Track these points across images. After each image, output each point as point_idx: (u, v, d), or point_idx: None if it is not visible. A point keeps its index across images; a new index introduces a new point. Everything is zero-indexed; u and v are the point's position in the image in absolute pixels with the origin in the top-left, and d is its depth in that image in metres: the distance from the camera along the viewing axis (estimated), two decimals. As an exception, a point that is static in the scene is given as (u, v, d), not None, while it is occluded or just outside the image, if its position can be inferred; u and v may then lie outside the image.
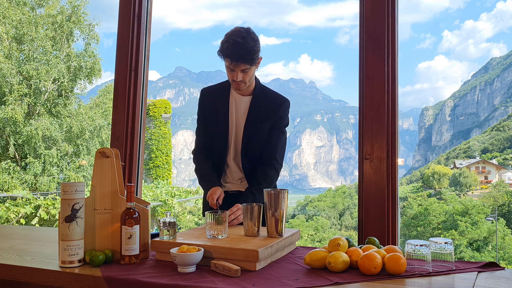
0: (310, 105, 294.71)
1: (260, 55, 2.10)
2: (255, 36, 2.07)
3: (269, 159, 2.22)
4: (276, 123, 2.22)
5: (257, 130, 2.20)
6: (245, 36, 2.03)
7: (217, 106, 2.24)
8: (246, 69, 2.06)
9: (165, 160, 15.89)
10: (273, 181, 2.24)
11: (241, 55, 2.01)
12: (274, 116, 2.21)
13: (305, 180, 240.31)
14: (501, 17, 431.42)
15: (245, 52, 2.01)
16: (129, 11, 3.09)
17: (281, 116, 2.23)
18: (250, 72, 2.09)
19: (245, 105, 2.22)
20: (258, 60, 2.10)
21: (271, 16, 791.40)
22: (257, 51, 2.06)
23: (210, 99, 2.28)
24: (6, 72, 17.97)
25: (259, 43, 2.09)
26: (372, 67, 2.48)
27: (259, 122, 2.20)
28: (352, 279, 1.38)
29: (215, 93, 2.29)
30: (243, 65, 2.04)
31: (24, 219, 11.05)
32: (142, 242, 1.64)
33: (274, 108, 2.22)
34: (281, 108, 2.23)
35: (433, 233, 30.51)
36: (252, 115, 2.20)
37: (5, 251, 1.80)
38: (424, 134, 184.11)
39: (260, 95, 2.23)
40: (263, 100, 2.22)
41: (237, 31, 2.06)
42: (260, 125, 2.20)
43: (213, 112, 2.25)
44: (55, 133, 18.86)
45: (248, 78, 2.11)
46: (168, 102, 16.60)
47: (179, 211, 14.19)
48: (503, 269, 1.50)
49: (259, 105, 2.21)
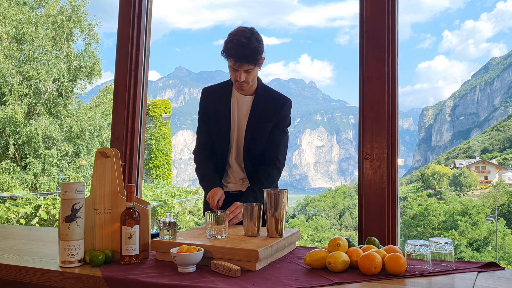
0: (310, 105, 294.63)
1: (263, 55, 2.09)
2: (259, 37, 2.06)
3: (271, 159, 2.22)
4: (279, 123, 2.22)
5: (259, 130, 2.19)
6: (249, 36, 2.02)
7: (219, 106, 2.24)
8: (250, 69, 2.05)
9: (165, 160, 15.89)
10: (275, 181, 2.23)
11: (245, 55, 2.00)
12: (276, 116, 2.20)
13: (305, 180, 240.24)
14: (501, 17, 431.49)
15: (249, 52, 2.00)
16: (129, 11, 3.09)
17: (284, 116, 2.23)
18: (253, 73, 2.08)
19: (247, 105, 2.21)
20: (261, 60, 2.09)
21: (271, 16, 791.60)
22: (261, 51, 2.05)
23: (212, 99, 2.28)
24: (6, 72, 17.97)
25: (263, 43, 2.08)
26: (372, 67, 2.48)
27: (261, 122, 2.19)
28: (352, 279, 1.38)
29: (217, 92, 2.28)
30: (246, 65, 2.03)
31: (24, 219, 11.05)
32: (142, 242, 1.64)
33: (276, 108, 2.21)
34: (284, 108, 2.22)
35: (433, 233, 30.51)
36: (255, 115, 2.19)
37: (5, 251, 1.80)
38: (424, 134, 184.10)
39: (263, 95, 2.22)
40: (265, 100, 2.21)
41: (241, 31, 2.05)
42: (262, 125, 2.19)
43: (215, 111, 2.25)
44: (55, 133, 18.86)
45: (251, 78, 2.10)
46: (168, 102, 16.60)
47: (179, 211, 14.19)
48: (503, 269, 1.50)
49: (262, 105, 2.20)
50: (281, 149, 2.24)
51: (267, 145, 2.21)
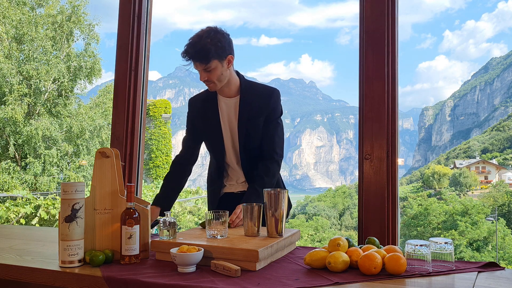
0: (310, 105, 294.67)
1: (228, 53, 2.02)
2: (216, 35, 2.00)
3: (268, 153, 2.19)
4: (270, 115, 2.18)
5: (252, 127, 2.16)
6: (201, 35, 1.99)
7: (207, 112, 2.22)
8: (207, 68, 2.00)
9: (165, 160, 15.89)
10: (275, 175, 2.20)
11: (193, 54, 1.97)
12: (266, 108, 2.16)
13: (305, 180, 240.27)
14: (502, 17, 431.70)
15: (197, 50, 1.96)
16: (129, 11, 3.09)
17: (273, 107, 2.18)
18: (216, 72, 2.01)
19: (234, 106, 2.18)
20: (225, 58, 2.02)
21: (272, 17, 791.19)
22: (211, 50, 1.95)
23: (198, 108, 2.25)
24: (6, 72, 17.97)
25: (222, 41, 2.00)
26: (372, 67, 2.48)
27: (252, 119, 2.16)
28: (352, 279, 1.38)
29: (203, 100, 2.25)
30: (198, 63, 2.00)
31: (24, 219, 11.03)
32: (142, 242, 1.64)
33: (264, 101, 2.16)
34: (272, 99, 2.17)
35: (433, 233, 30.52)
36: (244, 113, 2.16)
37: (5, 251, 1.80)
38: (424, 134, 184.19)
39: (248, 91, 2.17)
40: (251, 96, 2.17)
41: (199, 32, 2.03)
42: (254, 121, 2.16)
43: (203, 119, 2.23)
44: (55, 133, 18.86)
45: (216, 78, 2.03)
46: (168, 102, 16.62)
47: (179, 211, 14.19)
48: (503, 269, 1.50)
49: (249, 101, 2.16)
50: (277, 141, 2.20)
51: (263, 139, 2.18)
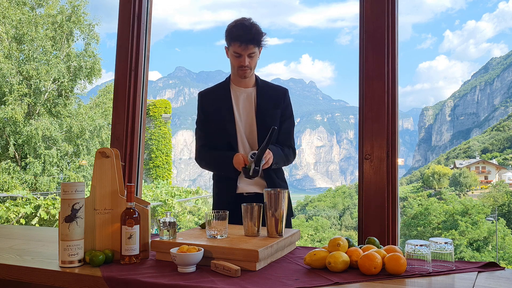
0: (310, 105, 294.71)
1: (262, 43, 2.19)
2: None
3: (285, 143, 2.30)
4: (285, 111, 2.29)
5: (270, 116, 2.23)
6: (251, 21, 2.14)
7: (219, 103, 2.24)
8: (253, 53, 2.13)
9: (165, 160, 15.88)
10: (289, 158, 2.29)
11: (250, 36, 2.08)
12: (282, 103, 2.28)
13: (305, 180, 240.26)
14: (502, 17, 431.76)
15: (254, 33, 2.09)
16: (129, 11, 3.09)
17: (287, 103, 2.32)
18: (255, 58, 2.17)
19: (250, 96, 2.24)
20: (261, 47, 2.18)
21: (273, 17, 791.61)
22: (263, 34, 2.13)
23: (210, 99, 2.28)
24: (6, 72, 17.97)
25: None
26: (372, 67, 2.48)
27: (270, 109, 2.24)
28: (352, 279, 1.38)
29: (214, 92, 2.30)
30: (252, 46, 2.10)
31: (24, 219, 11.04)
32: (142, 242, 1.64)
33: (280, 95, 2.29)
34: (286, 95, 2.32)
35: (433, 233, 30.52)
36: (262, 104, 2.23)
37: (5, 251, 1.80)
38: (424, 134, 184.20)
39: (264, 84, 2.30)
40: (267, 90, 2.28)
41: (242, 19, 2.15)
42: (271, 112, 2.24)
43: (215, 110, 2.24)
44: (55, 133, 18.85)
45: (254, 64, 2.18)
46: (168, 102, 16.59)
47: (179, 211, 14.18)
48: (503, 269, 1.50)
49: (266, 93, 2.26)
50: (292, 136, 2.36)
51: (279, 134, 2.26)
